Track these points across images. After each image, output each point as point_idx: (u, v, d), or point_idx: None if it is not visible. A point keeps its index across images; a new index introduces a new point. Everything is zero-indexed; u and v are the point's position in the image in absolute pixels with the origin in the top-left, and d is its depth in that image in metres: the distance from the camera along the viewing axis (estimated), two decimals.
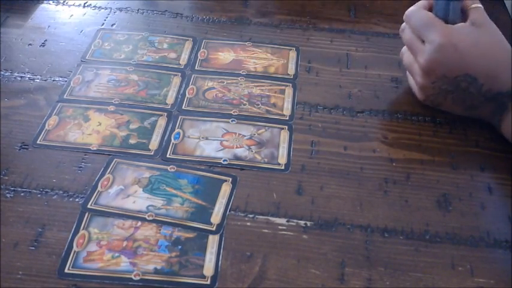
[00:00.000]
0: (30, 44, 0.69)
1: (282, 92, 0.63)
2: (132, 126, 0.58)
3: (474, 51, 0.54)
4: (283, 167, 0.54)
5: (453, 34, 0.54)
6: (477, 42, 0.54)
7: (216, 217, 0.49)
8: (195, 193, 0.51)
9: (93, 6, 0.76)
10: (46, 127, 0.57)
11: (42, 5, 0.76)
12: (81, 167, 0.53)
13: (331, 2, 0.78)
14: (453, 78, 0.55)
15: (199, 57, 0.67)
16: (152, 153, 0.55)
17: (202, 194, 0.51)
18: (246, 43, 0.70)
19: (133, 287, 0.44)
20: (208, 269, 0.45)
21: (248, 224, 0.49)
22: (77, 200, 0.50)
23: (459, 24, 0.56)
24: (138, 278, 0.44)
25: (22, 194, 0.51)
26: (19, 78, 0.64)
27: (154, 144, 0.56)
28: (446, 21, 0.56)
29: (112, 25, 0.73)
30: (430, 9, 0.58)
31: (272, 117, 0.59)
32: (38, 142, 0.56)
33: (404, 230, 0.49)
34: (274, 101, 0.62)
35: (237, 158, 0.55)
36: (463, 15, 0.57)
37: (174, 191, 0.51)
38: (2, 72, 0.64)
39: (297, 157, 0.55)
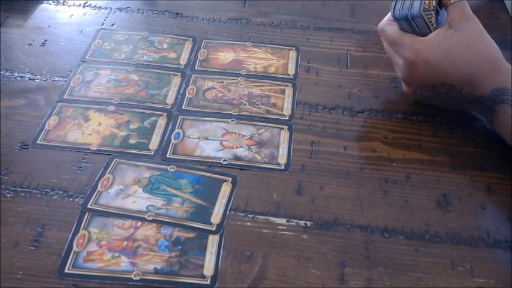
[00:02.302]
0: (30, 44, 0.69)
1: (282, 92, 0.63)
2: (132, 126, 0.58)
3: (446, 61, 0.53)
4: (283, 167, 0.54)
5: (422, 49, 0.54)
6: (449, 52, 0.53)
7: (216, 217, 0.49)
8: (195, 193, 0.51)
9: (93, 6, 0.76)
10: (46, 127, 0.57)
11: (42, 5, 0.76)
12: (81, 167, 0.53)
13: (331, 2, 0.78)
14: (431, 86, 0.56)
15: (199, 57, 0.67)
16: (152, 153, 0.55)
17: (202, 194, 0.51)
18: (246, 43, 0.70)
19: (133, 287, 0.44)
20: (208, 269, 0.45)
21: (248, 224, 0.49)
22: (77, 200, 0.50)
23: (432, 34, 0.54)
24: (138, 278, 0.44)
25: (22, 194, 0.51)
26: (19, 78, 0.64)
27: (154, 144, 0.56)
28: (418, 33, 0.55)
29: (112, 25, 0.73)
30: None
31: (272, 117, 0.59)
32: (38, 142, 0.56)
33: (404, 230, 0.49)
34: (274, 101, 0.62)
35: (237, 158, 0.55)
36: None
37: (174, 191, 0.51)
38: (2, 72, 0.64)
39: (297, 157, 0.55)
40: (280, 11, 0.76)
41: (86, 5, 0.76)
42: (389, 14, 0.57)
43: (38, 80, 0.63)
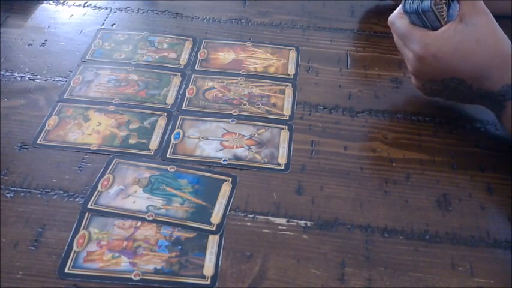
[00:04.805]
0: (30, 44, 0.69)
1: (282, 92, 0.63)
2: (132, 126, 0.58)
3: (456, 56, 0.53)
4: (283, 167, 0.54)
5: (432, 44, 0.53)
6: (459, 47, 0.53)
7: (216, 217, 0.49)
8: (195, 193, 0.51)
9: (93, 6, 0.76)
10: (46, 127, 0.57)
11: (42, 5, 0.76)
12: (81, 167, 0.53)
13: (331, 2, 0.78)
14: (440, 81, 0.55)
15: (199, 57, 0.68)
16: (152, 153, 0.55)
17: (202, 194, 0.51)
18: (246, 43, 0.70)
19: (133, 287, 0.44)
20: (208, 269, 0.45)
21: (248, 224, 0.49)
22: (77, 200, 0.50)
23: (442, 28, 0.54)
24: (138, 278, 0.44)
25: (22, 194, 0.51)
26: (19, 78, 0.64)
27: (154, 144, 0.56)
28: (428, 27, 0.55)
29: (112, 25, 0.73)
30: None
31: (272, 117, 0.59)
32: (38, 142, 0.56)
33: (404, 230, 0.49)
34: (274, 101, 0.62)
35: (237, 158, 0.55)
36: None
37: (174, 191, 0.51)
38: (2, 72, 0.64)
39: (297, 157, 0.55)
40: (280, 11, 0.76)
41: (86, 5, 0.76)
42: (400, 7, 0.57)
43: (38, 80, 0.63)
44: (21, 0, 0.76)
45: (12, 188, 0.51)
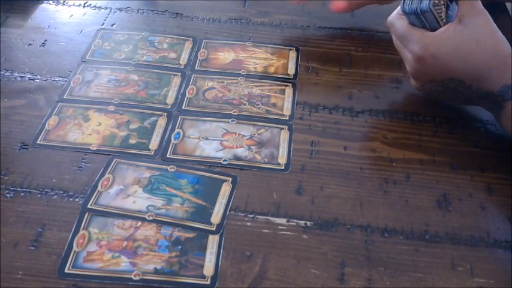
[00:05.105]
0: (30, 44, 0.69)
1: (282, 92, 0.63)
2: (132, 126, 0.58)
3: (455, 57, 0.53)
4: (283, 167, 0.54)
5: (431, 44, 0.53)
6: (458, 47, 0.53)
7: (216, 217, 0.49)
8: (195, 193, 0.51)
9: (93, 6, 0.76)
10: (46, 127, 0.57)
11: (42, 5, 0.76)
12: (81, 167, 0.53)
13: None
14: (440, 81, 0.55)
15: (199, 57, 0.68)
16: (152, 153, 0.55)
17: (202, 194, 0.51)
18: (246, 43, 0.70)
19: (133, 287, 0.44)
20: (208, 269, 0.45)
21: (248, 224, 0.49)
22: (77, 200, 0.50)
23: (441, 29, 0.54)
24: (138, 278, 0.44)
25: (22, 194, 0.51)
26: (19, 78, 0.64)
27: (154, 144, 0.56)
28: (427, 28, 0.55)
29: (112, 25, 0.73)
30: None
31: (272, 117, 0.59)
32: (38, 142, 0.56)
33: (404, 230, 0.49)
34: (274, 101, 0.62)
35: (237, 158, 0.55)
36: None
37: (174, 191, 0.51)
38: (2, 72, 0.64)
39: (297, 157, 0.55)
40: (280, 11, 0.76)
41: (86, 5, 0.76)
42: (399, 7, 0.56)
43: (38, 80, 0.63)
44: (21, 0, 0.76)
45: (12, 188, 0.51)
